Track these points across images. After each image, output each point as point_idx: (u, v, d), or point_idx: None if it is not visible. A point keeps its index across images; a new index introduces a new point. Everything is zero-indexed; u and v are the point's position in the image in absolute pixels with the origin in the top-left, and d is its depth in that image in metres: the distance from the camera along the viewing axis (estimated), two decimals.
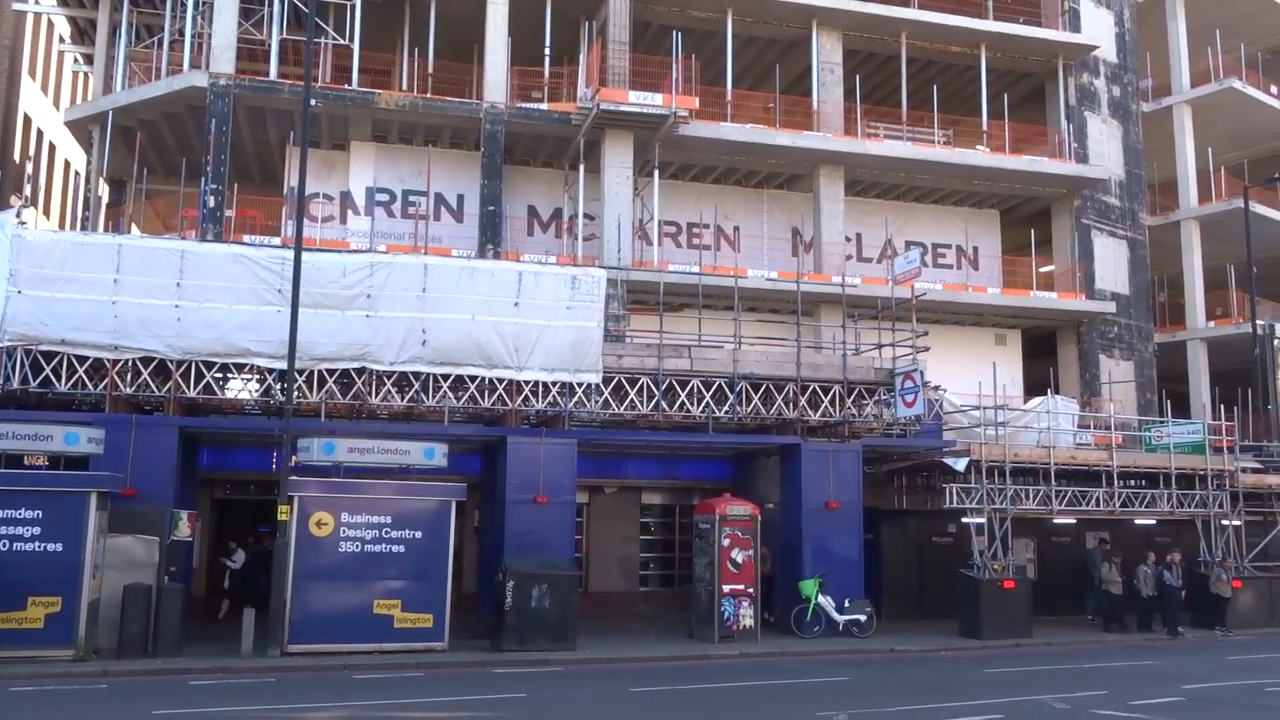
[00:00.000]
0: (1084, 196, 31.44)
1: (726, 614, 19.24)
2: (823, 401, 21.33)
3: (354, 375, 18.46)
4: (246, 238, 23.89)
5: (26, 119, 33.16)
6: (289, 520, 16.61)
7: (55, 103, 36.47)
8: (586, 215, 27.21)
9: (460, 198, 27.61)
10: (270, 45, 25.42)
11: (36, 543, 15.35)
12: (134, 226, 28.02)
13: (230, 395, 19.07)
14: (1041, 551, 25.69)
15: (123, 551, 16.29)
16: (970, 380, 24.22)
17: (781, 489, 22.09)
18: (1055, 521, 24.76)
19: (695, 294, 23.08)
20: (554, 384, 19.36)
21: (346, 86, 25.31)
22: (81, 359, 17.49)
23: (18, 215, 17.77)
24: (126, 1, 27.28)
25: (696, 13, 28.09)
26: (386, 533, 17.13)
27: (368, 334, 18.21)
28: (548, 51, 26.87)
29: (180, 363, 17.81)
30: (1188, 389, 33.35)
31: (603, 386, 19.77)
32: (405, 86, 26.53)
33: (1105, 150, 32.17)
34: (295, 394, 17.53)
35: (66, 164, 37.51)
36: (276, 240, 23.55)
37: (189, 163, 26.06)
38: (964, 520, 22.46)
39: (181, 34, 26.13)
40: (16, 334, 17.03)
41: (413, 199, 27.23)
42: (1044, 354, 31.71)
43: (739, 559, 19.39)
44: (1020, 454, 22.53)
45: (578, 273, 19.89)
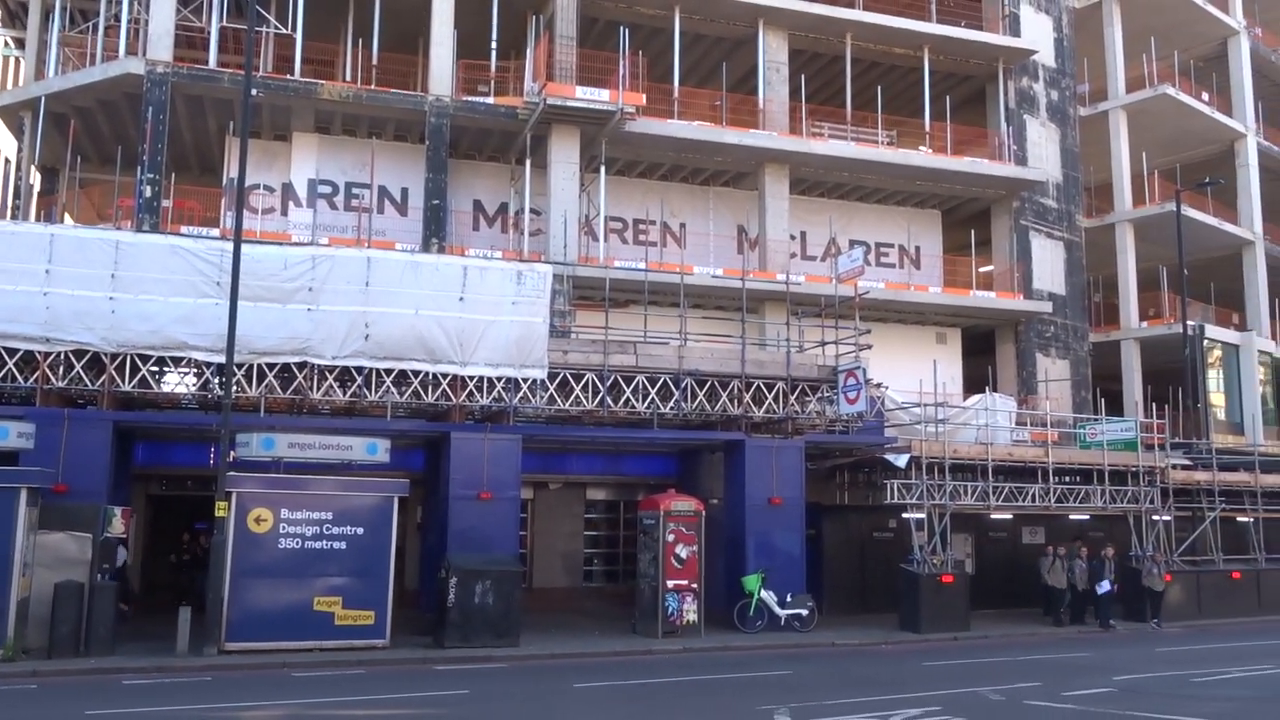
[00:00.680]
0: (1023, 198, 32.02)
1: (670, 609, 19.32)
2: (767, 398, 21.48)
3: (295, 370, 18.20)
4: (184, 229, 23.42)
5: None
6: (227, 517, 16.34)
7: None
8: (533, 210, 27.10)
9: (405, 191, 27.35)
10: (210, 33, 24.91)
11: None
12: (67, 216, 27.31)
13: (167, 389, 18.66)
14: (979, 546, 26.14)
15: (54, 549, 15.89)
16: (911, 378, 24.56)
17: (725, 485, 22.23)
18: (993, 517, 25.23)
19: (641, 290, 23.10)
20: (499, 379, 19.27)
21: (289, 77, 24.92)
22: (11, 351, 17.01)
23: None
24: None
25: (644, 9, 28.10)
26: (327, 529, 16.92)
27: (309, 328, 17.95)
28: (494, 45, 26.69)
29: (115, 356, 17.40)
30: (1121, 387, 34.15)
31: (548, 382, 19.72)
32: (349, 78, 26.18)
33: (1043, 153, 32.80)
34: (234, 388, 17.24)
35: None
36: (215, 232, 23.13)
37: (125, 151, 25.50)
38: (904, 516, 22.80)
39: (117, 19, 25.52)
40: None
41: (356, 191, 26.91)
42: (983, 352, 32.26)
43: (683, 554, 19.48)
44: (959, 451, 22.91)
45: (523, 268, 19.81)
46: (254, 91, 20.20)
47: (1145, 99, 35.21)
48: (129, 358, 17.49)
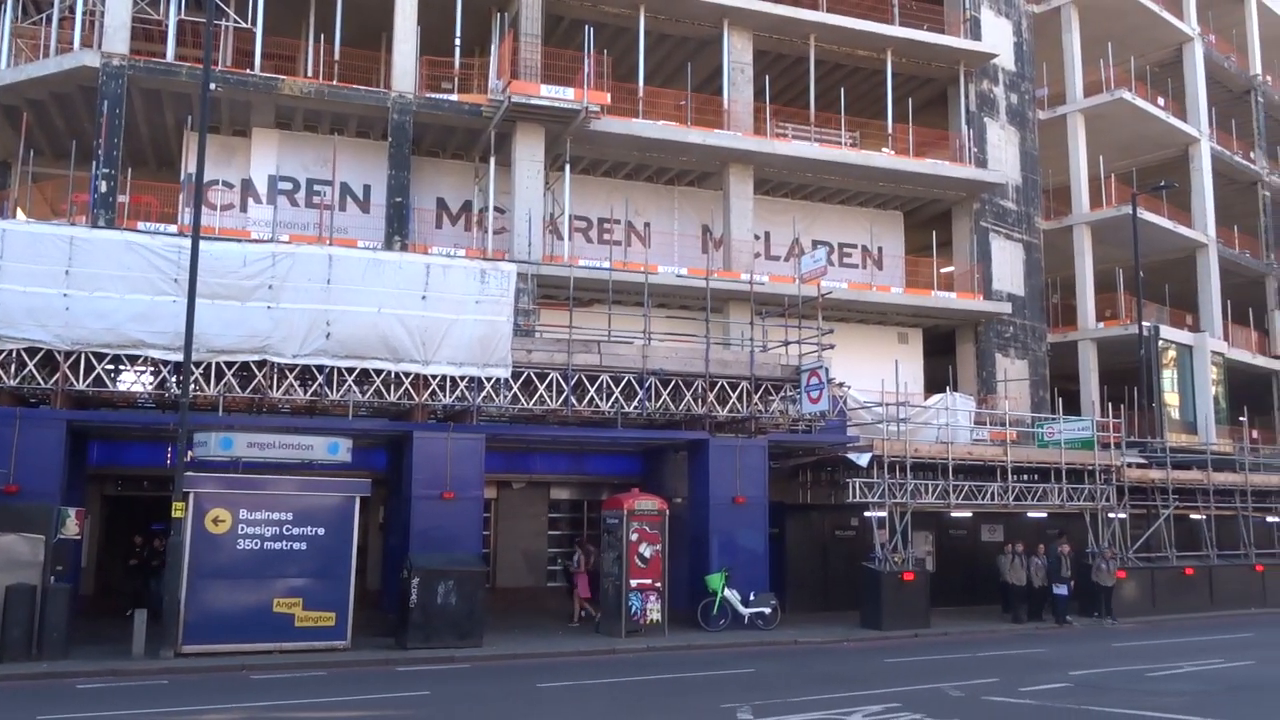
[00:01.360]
0: (983, 200, 32.36)
1: (634, 608, 19.32)
2: (730, 397, 21.55)
3: (254, 368, 17.98)
4: (141, 225, 23.03)
5: None
6: (184, 518, 16.12)
7: None
8: (497, 209, 26.98)
9: (367, 188, 27.11)
10: (168, 26, 24.55)
11: None
12: (19, 211, 26.79)
13: (122, 388, 18.38)
14: (940, 544, 26.39)
15: (5, 550, 15.57)
16: (873, 377, 24.76)
17: (689, 484, 22.26)
18: (953, 515, 25.48)
19: (606, 289, 23.08)
20: (462, 378, 19.17)
21: (248, 71, 24.62)
22: None
23: None
24: None
25: (609, 8, 28.07)
26: (287, 530, 16.73)
27: (269, 326, 17.74)
28: (458, 42, 26.53)
29: (69, 354, 17.10)
30: (1078, 387, 34.61)
31: (512, 381, 19.64)
32: (310, 73, 25.91)
33: (1003, 155, 33.18)
34: (192, 387, 17.00)
35: None
36: (173, 228, 22.79)
37: (80, 145, 25.05)
38: (866, 514, 22.98)
39: (72, 11, 25.08)
40: None
41: (317, 188, 26.63)
42: (944, 352, 32.57)
43: (647, 554, 19.49)
44: (920, 449, 23.12)
45: (487, 266, 19.71)
46: (213, 86, 19.92)
47: (1102, 103, 35.71)
48: (83, 356, 17.20)
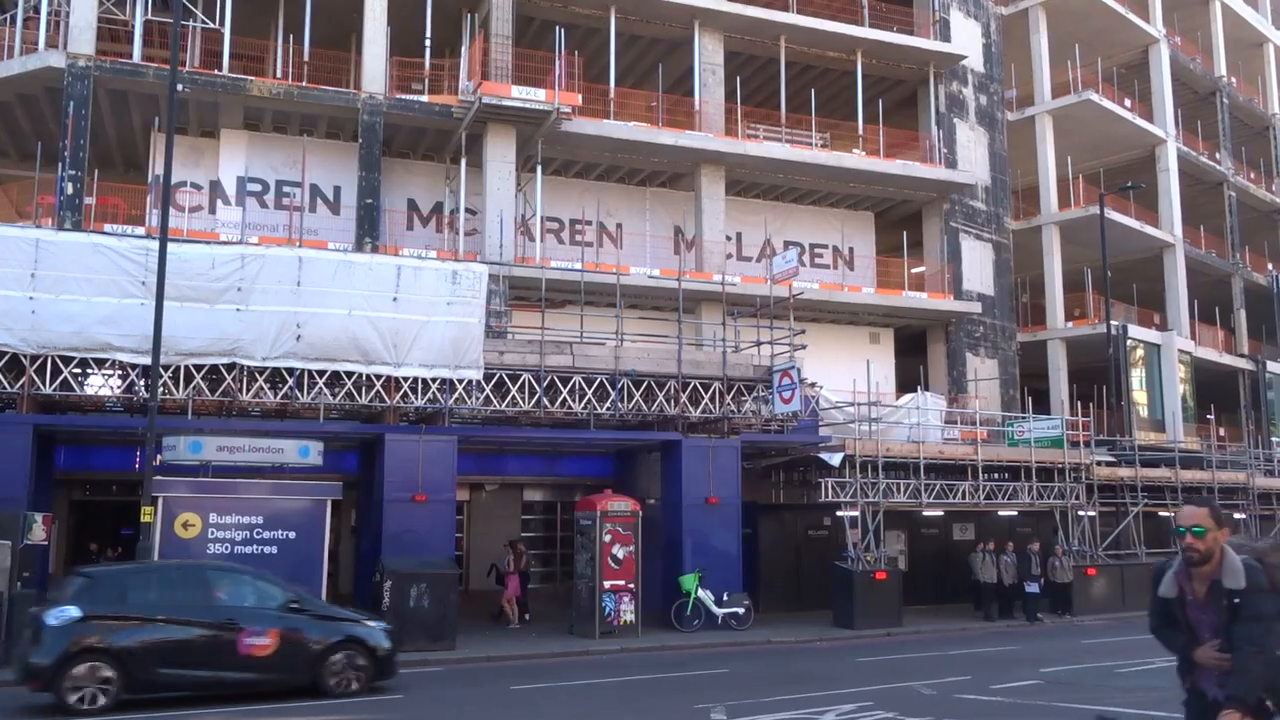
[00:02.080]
0: (953, 200, 32.60)
1: (608, 609, 19.32)
2: (703, 398, 21.59)
3: (224, 371, 17.84)
4: (108, 227, 22.78)
5: None
6: (153, 522, 15.96)
7: None
8: (468, 210, 26.90)
9: (337, 189, 26.95)
10: (134, 26, 24.30)
11: None
12: None
13: (90, 392, 18.18)
14: (912, 543, 26.57)
15: None
16: (845, 377, 24.87)
17: (662, 485, 22.29)
18: (925, 514, 25.65)
19: (578, 290, 23.07)
20: (434, 380, 19.10)
21: (216, 72, 24.41)
22: None
23: None
24: None
25: (580, 9, 28.05)
26: (258, 534, 16.63)
27: (238, 328, 17.61)
28: (428, 43, 26.43)
29: (35, 357, 16.91)
30: (1048, 386, 34.93)
31: (484, 383, 19.59)
32: (279, 74, 25.71)
33: (973, 156, 33.45)
34: (160, 390, 16.85)
35: None
36: (140, 230, 22.55)
37: (45, 147, 24.74)
38: (838, 513, 23.10)
39: (36, 11, 24.74)
40: None
41: (287, 190, 26.44)
42: (915, 352, 32.78)
43: (620, 555, 19.49)
44: (892, 449, 23.27)
45: (459, 268, 19.66)
46: (180, 87, 19.74)
47: (1070, 104, 36.07)
48: (50, 359, 17.01)
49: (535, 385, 19.99)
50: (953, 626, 22.52)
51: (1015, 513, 26.30)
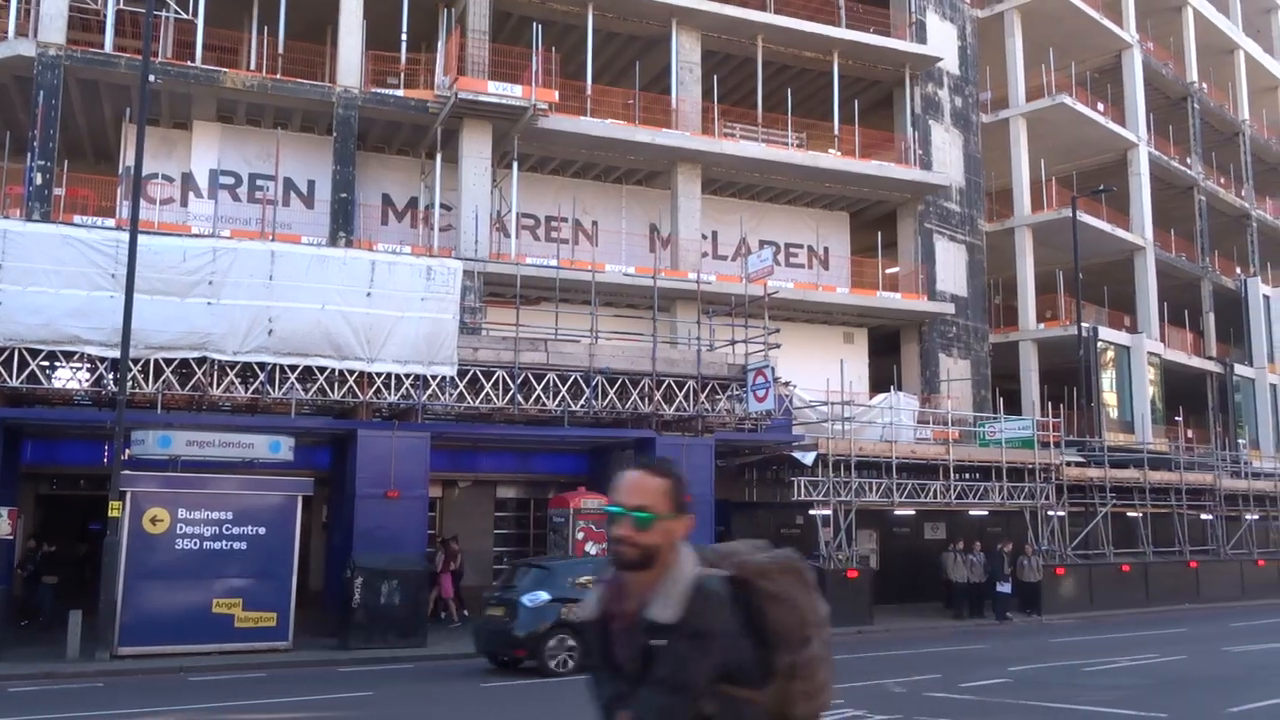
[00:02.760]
0: (927, 202, 32.78)
1: None
2: (677, 396, 21.61)
3: (194, 365, 17.68)
4: (77, 218, 22.52)
5: None
6: (120, 517, 15.81)
7: None
8: (443, 205, 26.78)
9: (311, 183, 26.76)
10: (106, 15, 24.03)
11: None
12: None
13: (58, 385, 17.98)
14: (883, 542, 26.72)
15: None
16: (819, 376, 24.98)
17: None
18: (896, 513, 25.80)
19: (553, 288, 23.03)
20: (407, 376, 19.00)
21: (189, 63, 24.17)
22: None
23: None
24: None
25: (557, 5, 27.98)
26: (227, 529, 16.50)
27: (209, 322, 17.46)
28: (404, 37, 26.30)
29: (2, 350, 16.68)
30: (1019, 387, 35.21)
31: (458, 379, 19.52)
32: (253, 66, 25.50)
33: (947, 158, 33.64)
34: (129, 384, 16.68)
35: None
36: (111, 222, 22.31)
37: (14, 137, 24.39)
38: (811, 512, 23.18)
39: None
40: None
41: (260, 183, 26.23)
42: (888, 352, 32.94)
43: (593, 552, 19.46)
44: (865, 448, 23.39)
45: (433, 263, 19.58)
46: (152, 78, 19.55)
47: (1044, 108, 36.36)
48: (17, 352, 16.78)
49: (509, 382, 19.94)
50: (923, 625, 22.67)
51: (986, 512, 26.50)
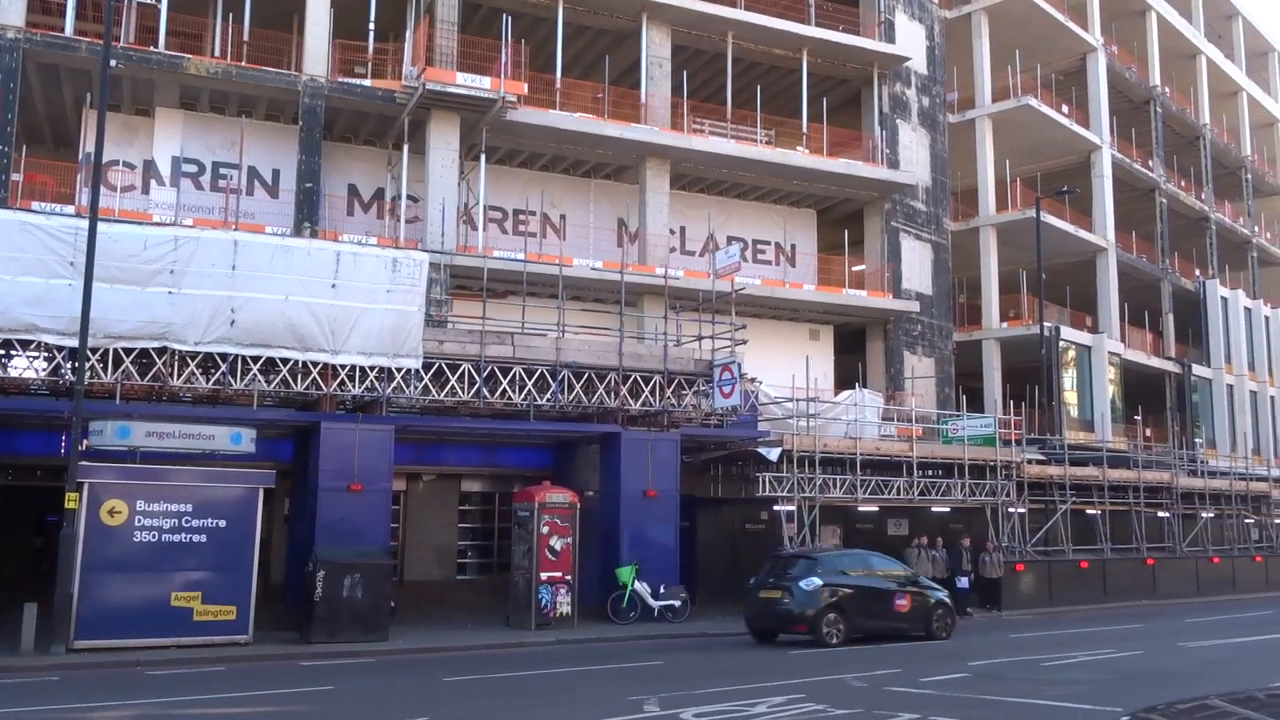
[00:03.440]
0: (894, 200, 33.00)
1: (544, 601, 19.27)
2: (643, 391, 21.61)
3: (154, 355, 17.43)
4: (36, 205, 22.14)
5: None
6: (77, 509, 15.56)
7: None
8: (410, 197, 26.61)
9: (276, 173, 26.48)
10: None
11: None
12: None
13: (14, 374, 17.65)
14: (847, 538, 26.87)
15: None
16: (785, 373, 25.08)
17: (601, 477, 22.28)
18: (860, 509, 25.96)
19: (520, 281, 22.94)
20: (372, 368, 18.85)
21: (152, 49, 23.83)
22: None
23: None
24: None
25: None
26: (187, 521, 16.27)
27: (170, 312, 17.21)
28: (372, 26, 26.07)
29: None
30: (982, 385, 35.56)
31: (423, 372, 19.40)
32: (218, 53, 25.17)
33: (914, 157, 33.88)
34: (88, 374, 16.42)
35: None
36: (70, 209, 21.96)
37: None
38: (776, 508, 23.29)
39: None
40: None
41: (224, 171, 25.92)
42: (854, 349, 33.16)
43: (557, 546, 19.45)
44: (829, 444, 23.51)
45: (399, 255, 19.42)
46: (114, 63, 19.25)
47: (1010, 109, 36.71)
48: None
49: (475, 375, 19.84)
50: None
51: (948, 509, 26.73)
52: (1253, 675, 14.30)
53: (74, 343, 16.26)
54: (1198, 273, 45.67)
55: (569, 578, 19.55)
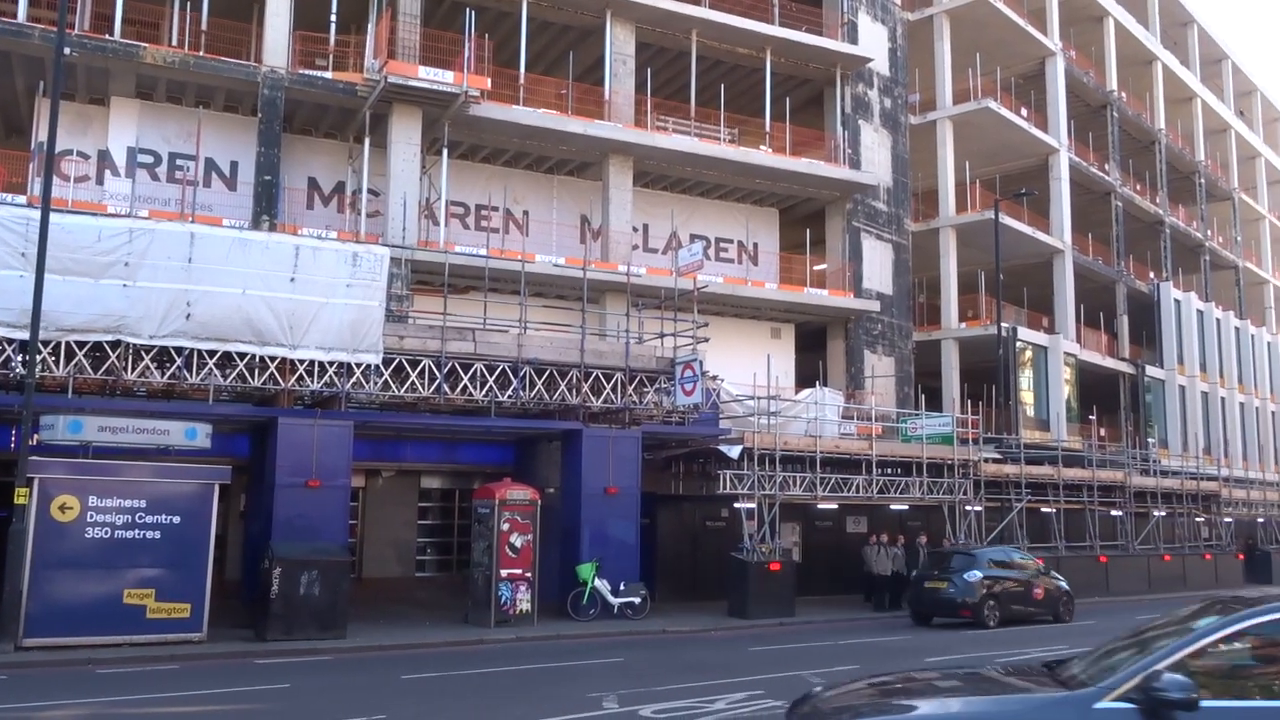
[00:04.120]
0: (855, 200, 33.22)
1: (504, 598, 19.20)
2: (605, 388, 21.60)
3: (108, 348, 17.15)
4: None
5: None
6: (28, 504, 15.28)
7: None
8: (371, 191, 26.39)
9: (234, 164, 26.14)
10: None
11: None
12: None
13: None
14: (806, 535, 27.05)
15: None
16: (746, 371, 25.19)
17: (562, 474, 22.24)
18: (819, 507, 26.12)
19: (482, 277, 22.84)
20: (331, 364, 18.67)
21: (108, 37, 23.42)
22: None
23: None
24: None
25: None
26: (140, 518, 16.03)
27: (124, 305, 16.93)
28: (334, 18, 25.81)
29: None
30: (941, 384, 35.90)
31: (383, 368, 19.25)
32: (175, 42, 24.77)
33: (876, 158, 34.12)
34: (39, 367, 16.12)
35: None
36: (22, 199, 21.54)
37: None
38: (736, 505, 23.37)
39: None
40: None
41: (181, 163, 25.55)
42: (815, 348, 33.35)
43: (518, 543, 19.38)
44: (790, 442, 23.64)
45: (359, 249, 19.25)
46: (68, 50, 18.87)
47: (970, 111, 37.08)
48: None
49: (436, 371, 19.72)
50: (843, 617, 23.00)
51: (906, 507, 26.98)
52: None
53: (25, 335, 15.95)
54: (1152, 275, 46.42)
55: (529, 575, 19.49)
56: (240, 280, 17.63)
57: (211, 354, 17.71)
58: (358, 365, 18.89)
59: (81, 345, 16.98)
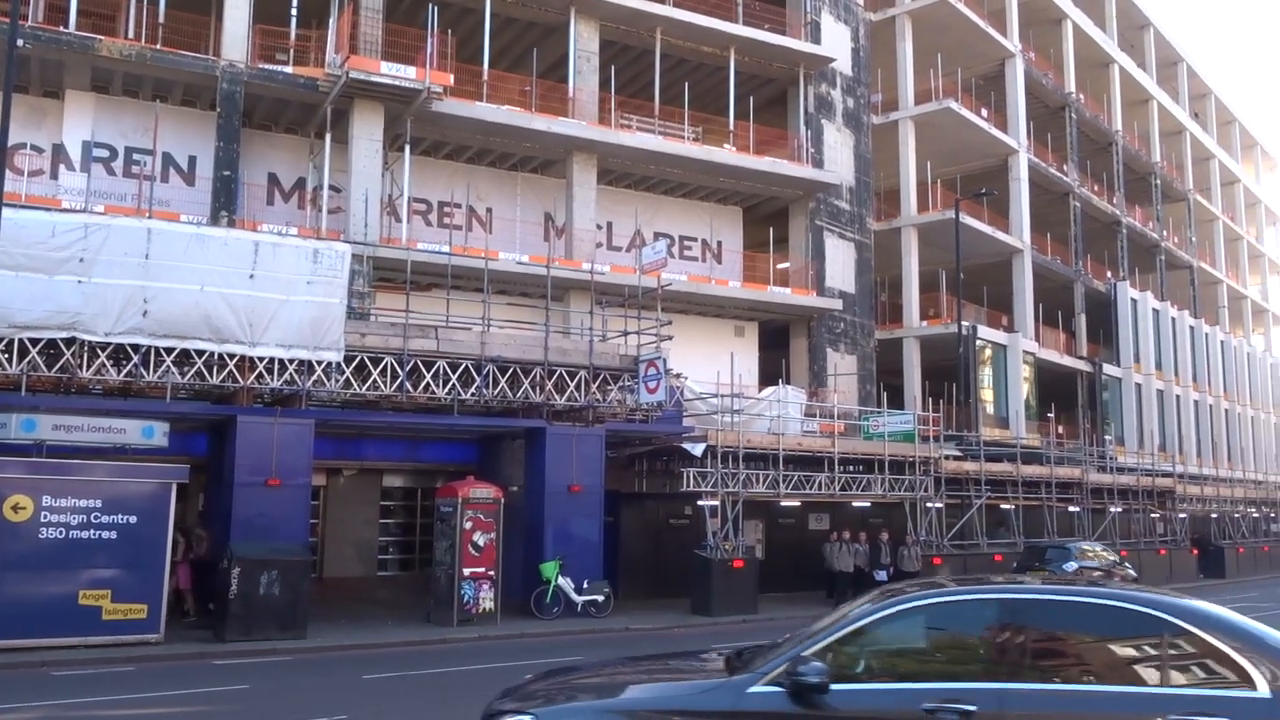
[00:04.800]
0: (818, 199, 33.40)
1: (466, 597, 19.12)
2: (569, 386, 21.56)
3: (62, 346, 16.85)
4: None
5: None
6: None
7: None
8: (332, 187, 26.15)
9: (192, 159, 25.78)
10: None
11: None
12: None
13: None
14: (769, 532, 27.18)
15: None
16: (710, 369, 25.25)
17: (526, 472, 22.19)
18: (782, 504, 26.27)
19: (444, 274, 22.68)
20: (291, 361, 18.46)
21: (62, 28, 23.01)
22: None
23: None
24: None
25: None
26: (96, 518, 15.78)
27: (79, 301, 16.64)
28: (294, 12, 25.55)
29: None
30: (903, 382, 36.22)
31: (344, 365, 19.07)
32: (132, 35, 24.39)
33: (839, 157, 34.32)
34: None
35: None
36: None
37: None
38: (699, 503, 23.42)
39: None
40: None
41: (137, 157, 25.15)
42: (778, 346, 33.50)
43: (481, 542, 19.30)
44: (753, 440, 23.72)
45: (320, 246, 19.05)
46: (21, 42, 18.52)
47: (931, 111, 37.40)
48: None
49: (398, 369, 19.58)
50: (806, 614, 23.07)
51: (868, 504, 27.18)
52: None
53: None
54: (1109, 275, 47.08)
55: (492, 573, 19.42)
56: (198, 277, 17.38)
57: (169, 351, 17.45)
58: (319, 363, 18.69)
59: (35, 342, 16.67)
